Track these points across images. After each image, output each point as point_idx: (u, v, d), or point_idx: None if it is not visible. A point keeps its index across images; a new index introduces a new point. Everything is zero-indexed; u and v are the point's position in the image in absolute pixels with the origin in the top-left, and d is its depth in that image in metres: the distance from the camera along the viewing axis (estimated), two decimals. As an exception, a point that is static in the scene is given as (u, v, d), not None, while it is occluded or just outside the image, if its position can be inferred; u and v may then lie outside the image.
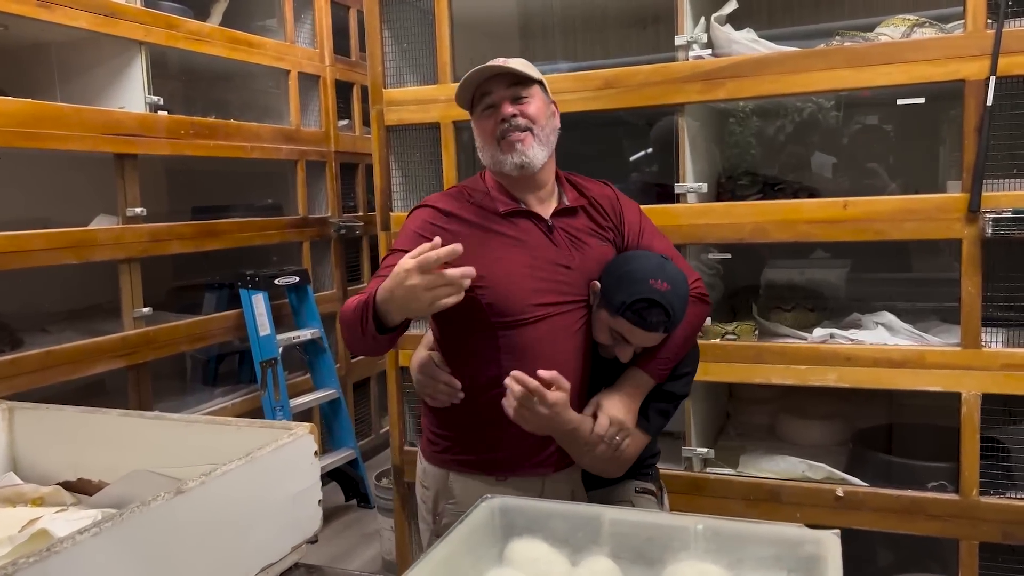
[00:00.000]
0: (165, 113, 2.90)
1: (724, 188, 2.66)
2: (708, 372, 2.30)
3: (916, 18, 2.11)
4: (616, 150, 3.19)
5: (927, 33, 2.08)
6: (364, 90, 3.94)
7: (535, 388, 1.38)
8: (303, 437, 1.16)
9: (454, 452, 1.62)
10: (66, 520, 1.15)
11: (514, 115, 1.55)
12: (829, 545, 0.80)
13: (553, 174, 1.67)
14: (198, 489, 0.96)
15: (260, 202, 3.64)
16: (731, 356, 2.29)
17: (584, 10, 3.19)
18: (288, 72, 3.54)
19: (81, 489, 1.30)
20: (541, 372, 1.40)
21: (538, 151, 1.57)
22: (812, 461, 2.31)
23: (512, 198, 1.61)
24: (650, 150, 3.16)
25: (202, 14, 3.26)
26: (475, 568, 0.90)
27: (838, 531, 0.83)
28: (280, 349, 3.24)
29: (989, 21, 1.97)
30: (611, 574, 0.87)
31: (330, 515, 3.50)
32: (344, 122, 4.00)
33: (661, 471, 1.89)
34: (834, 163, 2.96)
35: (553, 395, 1.40)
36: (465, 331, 1.58)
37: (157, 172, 3.57)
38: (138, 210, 2.77)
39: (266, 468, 1.08)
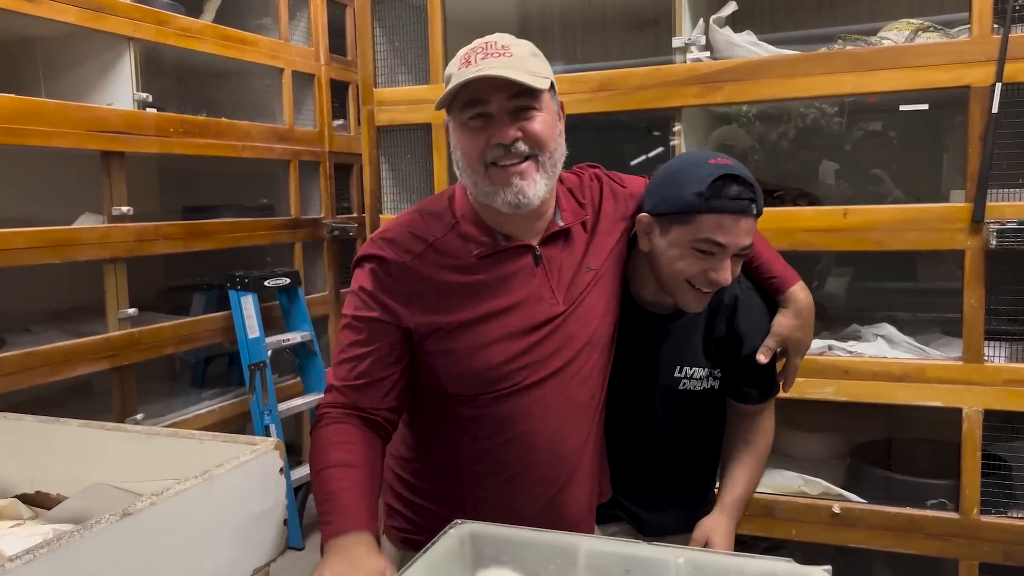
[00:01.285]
0: (154, 111, 2.84)
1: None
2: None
3: (920, 22, 2.05)
4: (617, 154, 3.14)
5: (931, 38, 2.02)
6: (360, 89, 3.88)
7: None
8: (267, 453, 1.10)
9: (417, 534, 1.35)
10: (19, 537, 1.10)
11: (516, 139, 1.19)
12: (816, 583, 0.74)
13: (552, 202, 1.32)
14: (147, 511, 0.90)
15: (252, 202, 3.58)
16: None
17: (583, 11, 3.14)
18: (282, 71, 3.48)
19: (39, 503, 1.24)
20: None
21: (541, 186, 1.21)
22: (809, 476, 2.25)
23: (488, 232, 1.27)
24: (652, 154, 3.11)
25: (195, 10, 3.20)
26: (439, 601, 0.84)
27: (829, 568, 0.77)
28: (269, 352, 3.19)
29: (995, 26, 1.91)
30: (584, 610, 0.82)
31: (315, 523, 3.44)
32: (339, 122, 3.94)
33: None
34: (837, 169, 2.90)
35: None
36: (438, 412, 1.32)
37: (148, 171, 3.52)
38: (124, 209, 2.71)
39: (225, 487, 1.02)
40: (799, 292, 1.41)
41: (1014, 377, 1.97)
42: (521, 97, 1.19)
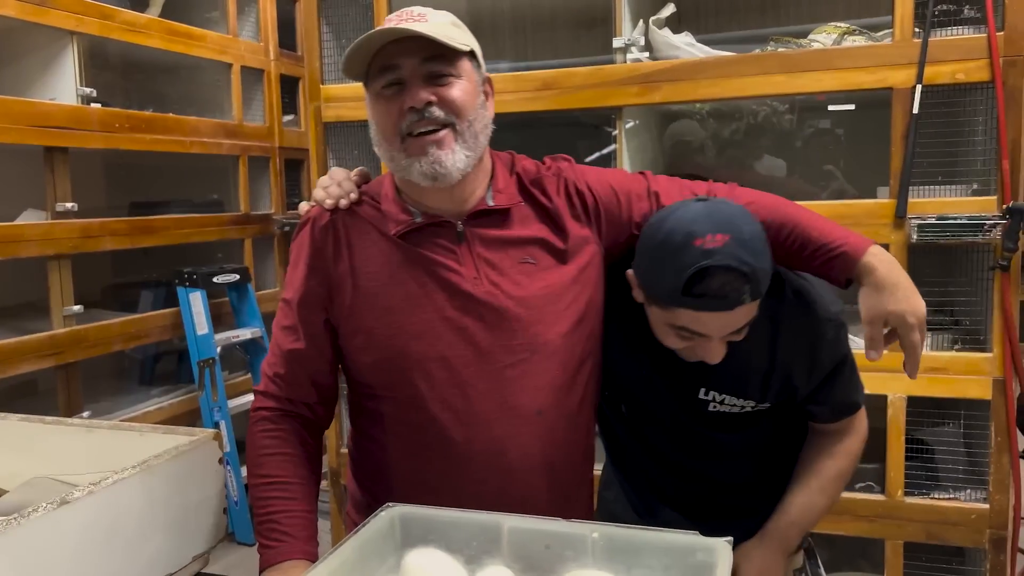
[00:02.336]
0: (99, 106, 2.82)
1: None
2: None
3: (847, 26, 2.14)
4: (571, 150, 3.17)
5: (857, 41, 2.11)
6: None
7: None
8: (205, 443, 1.13)
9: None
10: (-43, 530, 1.11)
11: (429, 103, 1.10)
12: (720, 553, 0.80)
13: (485, 180, 1.22)
14: (85, 499, 0.92)
15: (201, 198, 3.56)
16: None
17: (533, 10, 3.18)
18: (231, 66, 3.47)
19: (-21, 497, 1.25)
20: None
21: (460, 156, 1.12)
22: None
23: (407, 210, 1.19)
24: (606, 151, 3.17)
25: (141, 4, 3.18)
26: (368, 580, 0.88)
27: (731, 539, 0.83)
28: (219, 349, 3.18)
29: (916, 30, 2.01)
30: (505, 582, 0.87)
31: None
32: (289, 117, 3.93)
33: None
34: (787, 165, 2.97)
35: None
36: (364, 412, 1.25)
37: (94, 166, 3.48)
38: (68, 205, 2.69)
39: (163, 476, 1.05)
40: (874, 258, 1.19)
41: (936, 365, 2.07)
42: (436, 61, 1.11)
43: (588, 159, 3.17)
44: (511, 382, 1.15)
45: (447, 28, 1.13)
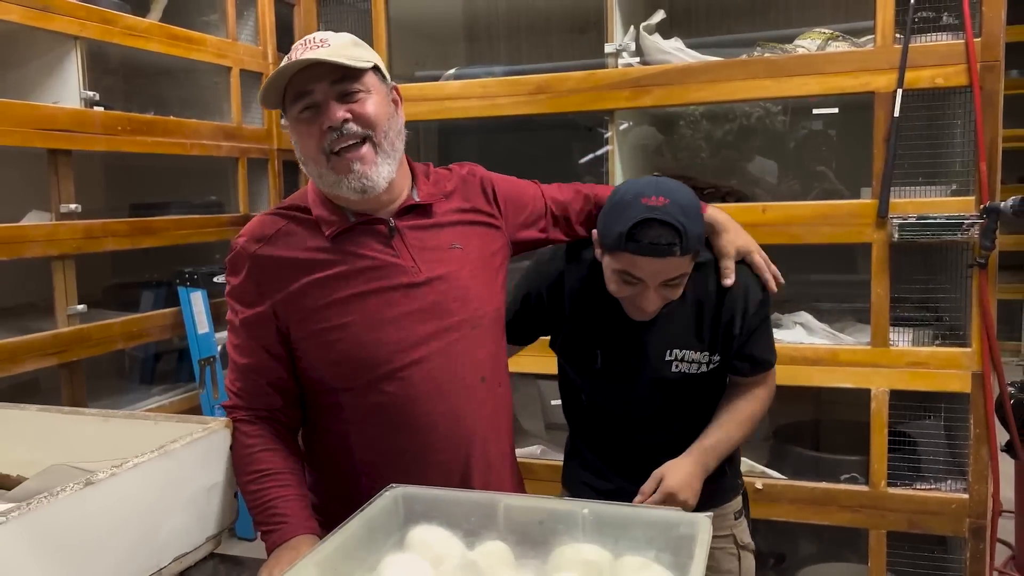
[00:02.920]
0: (101, 109, 2.87)
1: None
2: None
3: (831, 32, 2.21)
4: (565, 152, 3.24)
5: (841, 46, 2.19)
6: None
7: None
8: (218, 431, 1.19)
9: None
10: (-20, 514, 1.17)
11: (345, 120, 1.19)
12: (701, 526, 0.86)
13: (407, 182, 1.33)
14: (108, 481, 0.99)
15: (200, 199, 3.62)
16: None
17: (528, 14, 3.25)
18: (230, 69, 3.53)
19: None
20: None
21: (383, 166, 1.22)
22: (734, 455, 2.40)
23: (338, 211, 1.28)
24: (600, 152, 3.23)
25: (141, 9, 3.23)
26: (374, 554, 0.94)
27: (711, 514, 0.89)
28: (219, 347, 3.24)
29: (897, 36, 2.08)
30: (503, 555, 0.93)
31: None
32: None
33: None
34: (779, 166, 3.04)
35: None
36: (323, 406, 1.32)
37: (94, 168, 3.53)
38: (72, 206, 2.75)
39: (179, 461, 1.11)
40: (712, 213, 1.50)
41: (916, 360, 2.14)
42: (344, 81, 1.20)
43: (582, 160, 3.24)
44: (458, 356, 1.28)
45: (348, 49, 1.21)
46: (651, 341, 1.48)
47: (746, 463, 2.38)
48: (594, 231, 1.43)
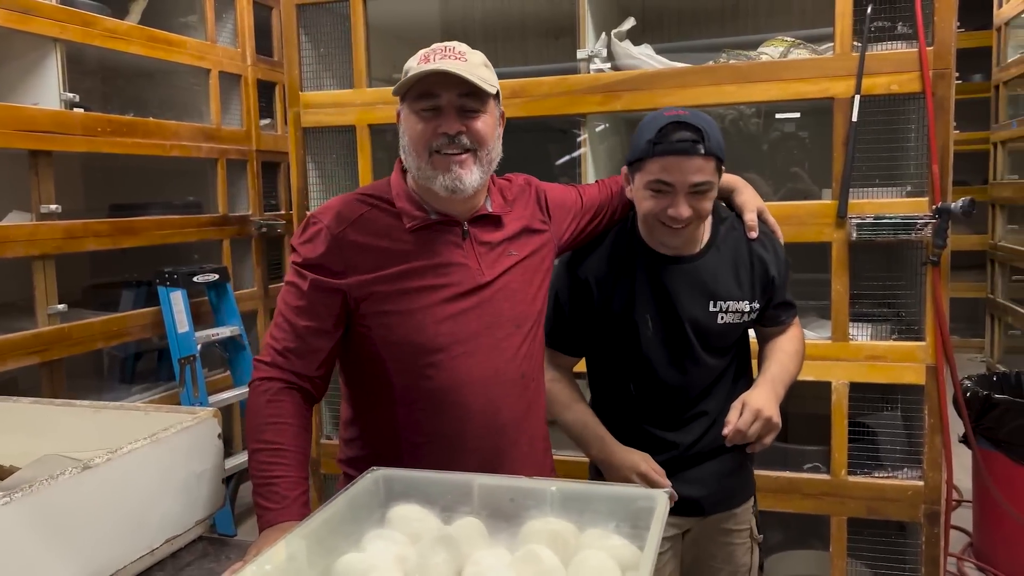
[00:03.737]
0: (81, 110, 2.91)
1: (630, 193, 2.82)
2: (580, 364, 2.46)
3: (793, 40, 2.31)
4: (543, 154, 3.31)
5: (802, 54, 2.28)
6: (286, 90, 3.98)
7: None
8: (206, 420, 1.25)
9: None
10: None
11: (460, 132, 1.33)
12: (659, 500, 0.94)
13: (484, 193, 1.47)
14: (104, 466, 1.04)
15: (180, 200, 3.65)
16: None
17: (504, 19, 3.32)
18: (209, 71, 3.57)
19: (-8, 474, 1.35)
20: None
21: (476, 177, 1.35)
22: (702, 447, 2.49)
23: (420, 208, 1.40)
24: (576, 154, 3.31)
25: (121, 11, 3.27)
26: (358, 530, 1.01)
27: (670, 489, 0.97)
28: (199, 346, 3.27)
29: (855, 44, 2.18)
30: (476, 529, 1.00)
31: (249, 511, 3.54)
32: (266, 121, 4.04)
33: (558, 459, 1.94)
34: (752, 168, 3.12)
35: None
36: (375, 383, 1.42)
37: (73, 169, 3.55)
38: (52, 207, 2.78)
39: (170, 448, 1.17)
40: (726, 176, 1.64)
41: (875, 354, 2.24)
42: (469, 97, 1.32)
43: (559, 162, 3.32)
44: (502, 352, 1.40)
45: (481, 69, 1.34)
46: (696, 295, 1.58)
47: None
48: (623, 168, 1.56)
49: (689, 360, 1.61)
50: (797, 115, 2.83)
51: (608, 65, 2.44)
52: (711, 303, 1.59)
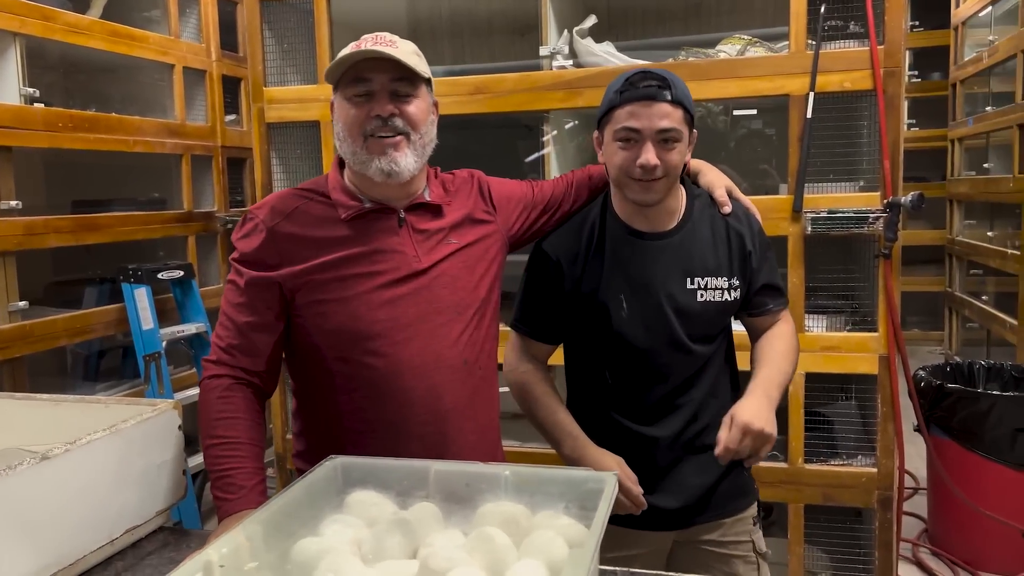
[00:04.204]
0: (41, 106, 2.88)
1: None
2: (557, 358, 2.50)
3: (750, 38, 2.36)
4: (510, 151, 3.33)
5: (758, 52, 2.33)
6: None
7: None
8: (166, 412, 1.26)
9: None
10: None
11: (392, 114, 1.35)
12: (607, 482, 0.98)
13: (422, 183, 1.48)
14: (62, 457, 1.05)
15: (144, 196, 3.63)
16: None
17: (471, 16, 3.34)
18: (173, 66, 3.55)
19: (-50, 468, 1.35)
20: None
21: (411, 160, 1.37)
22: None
23: (356, 198, 1.42)
24: (544, 151, 3.34)
25: (82, 6, 3.24)
26: (316, 515, 1.03)
27: (616, 472, 1.00)
28: (164, 343, 3.26)
29: (809, 42, 2.23)
30: (432, 513, 1.03)
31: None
32: (232, 117, 4.02)
33: (508, 452, 1.86)
34: (718, 163, 3.15)
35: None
36: (316, 373, 1.43)
37: (34, 165, 3.51)
38: (13, 203, 2.75)
39: (130, 439, 1.18)
40: (692, 160, 1.67)
41: (830, 344, 2.30)
42: (401, 81, 1.36)
43: (527, 159, 3.35)
44: (442, 338, 1.40)
45: (412, 57, 1.38)
46: (672, 271, 1.54)
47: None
48: (595, 134, 1.56)
49: (669, 345, 1.55)
50: (754, 112, 2.88)
51: (571, 62, 2.47)
52: (688, 280, 1.55)
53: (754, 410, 1.41)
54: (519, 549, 0.95)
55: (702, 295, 1.55)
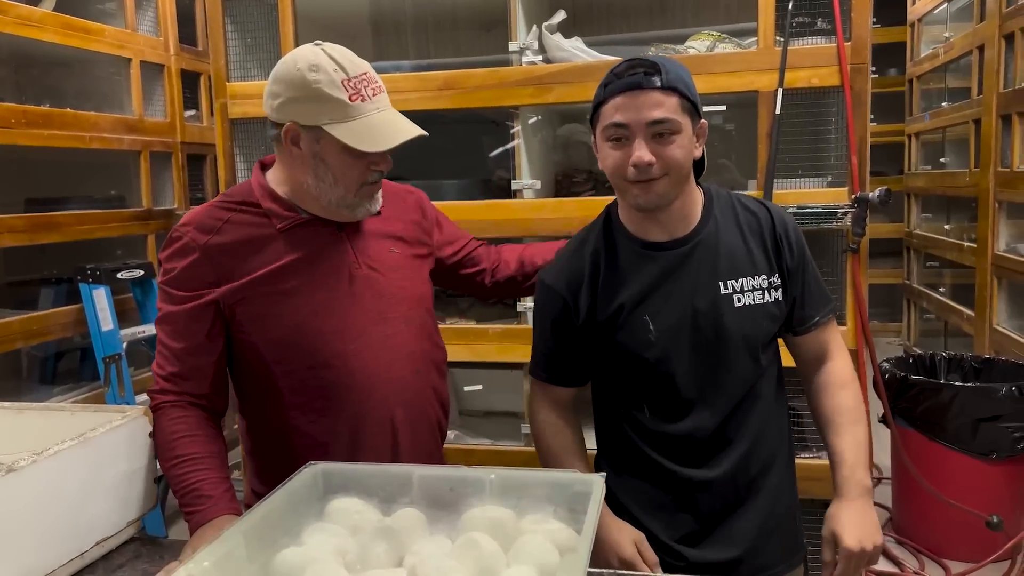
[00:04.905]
0: (-7, 101, 2.79)
1: (561, 185, 2.86)
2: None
3: (719, 34, 2.37)
4: (476, 146, 3.31)
5: (727, 48, 2.34)
6: (212, 81, 3.89)
7: None
8: (136, 419, 1.22)
9: None
10: None
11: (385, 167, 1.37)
12: (595, 484, 0.96)
13: None
14: (29, 468, 1.01)
15: (101, 194, 3.54)
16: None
17: (435, 10, 3.30)
18: (130, 60, 3.46)
19: (-94, 481, 1.29)
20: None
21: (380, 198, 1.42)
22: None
23: (290, 208, 1.37)
24: (510, 145, 3.32)
25: (34, -2, 3.14)
26: (297, 524, 1.01)
27: (604, 474, 1.00)
28: (124, 344, 3.18)
29: (778, 39, 2.25)
30: (416, 520, 1.01)
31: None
32: (191, 112, 3.93)
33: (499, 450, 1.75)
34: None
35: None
36: (263, 389, 1.39)
37: (-16, 162, 3.40)
38: (-37, 202, 2.66)
39: (99, 448, 1.14)
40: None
41: (799, 338, 2.32)
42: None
43: (492, 154, 3.33)
44: (392, 349, 1.38)
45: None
46: (700, 279, 1.33)
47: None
48: (591, 136, 1.38)
49: (710, 363, 1.33)
50: (723, 108, 2.90)
51: (540, 58, 2.46)
52: (721, 284, 1.33)
53: (857, 525, 1.25)
54: (507, 555, 0.94)
55: (739, 299, 1.33)
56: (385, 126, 1.31)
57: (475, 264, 1.66)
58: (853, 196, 2.21)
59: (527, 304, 2.54)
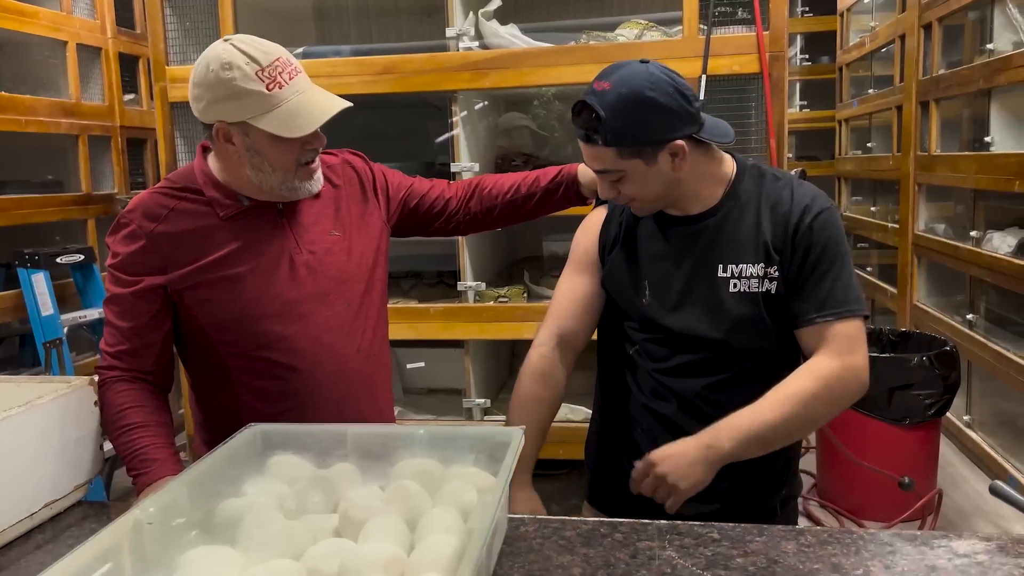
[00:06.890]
0: (-76, 84, 2.75)
1: (501, 167, 2.94)
2: (484, 331, 2.58)
3: (646, 22, 2.48)
4: (419, 131, 3.37)
5: (654, 36, 2.45)
6: (151, 64, 3.86)
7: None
8: (81, 388, 1.28)
9: None
10: None
11: (320, 144, 1.40)
12: (513, 436, 1.06)
13: None
14: (-22, 432, 1.06)
15: (38, 178, 3.50)
16: (502, 316, 2.58)
17: (375, -5, 3.35)
18: (66, 43, 3.42)
19: None
20: None
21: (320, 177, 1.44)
22: (573, 405, 2.66)
23: (232, 195, 1.40)
24: (455, 132, 3.39)
25: (-36, -21, 3.09)
26: (237, 478, 1.08)
27: (524, 427, 1.09)
28: (65, 329, 3.17)
29: (701, 27, 2.36)
30: (350, 471, 1.09)
31: (127, 493, 3.47)
32: (130, 96, 3.90)
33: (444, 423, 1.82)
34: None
35: None
36: (211, 369, 1.44)
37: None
38: None
39: (47, 414, 1.20)
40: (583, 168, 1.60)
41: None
42: None
43: (438, 140, 3.40)
44: (335, 329, 1.44)
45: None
46: (700, 259, 1.35)
47: (584, 411, 2.64)
48: None
49: (698, 336, 1.35)
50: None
51: (477, 44, 2.53)
52: (721, 267, 1.33)
53: (676, 455, 1.23)
54: (433, 498, 1.03)
55: (735, 284, 1.32)
56: (308, 107, 1.34)
57: (439, 197, 1.66)
58: (772, 177, 2.34)
59: (467, 283, 2.63)
